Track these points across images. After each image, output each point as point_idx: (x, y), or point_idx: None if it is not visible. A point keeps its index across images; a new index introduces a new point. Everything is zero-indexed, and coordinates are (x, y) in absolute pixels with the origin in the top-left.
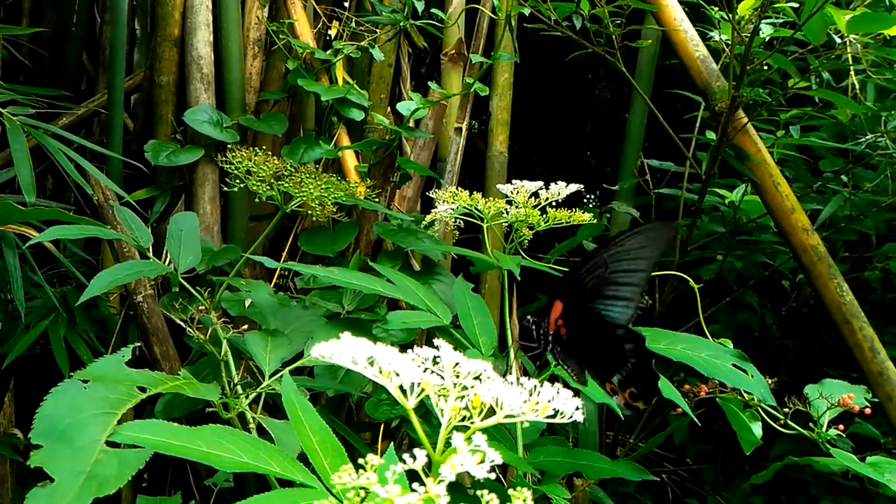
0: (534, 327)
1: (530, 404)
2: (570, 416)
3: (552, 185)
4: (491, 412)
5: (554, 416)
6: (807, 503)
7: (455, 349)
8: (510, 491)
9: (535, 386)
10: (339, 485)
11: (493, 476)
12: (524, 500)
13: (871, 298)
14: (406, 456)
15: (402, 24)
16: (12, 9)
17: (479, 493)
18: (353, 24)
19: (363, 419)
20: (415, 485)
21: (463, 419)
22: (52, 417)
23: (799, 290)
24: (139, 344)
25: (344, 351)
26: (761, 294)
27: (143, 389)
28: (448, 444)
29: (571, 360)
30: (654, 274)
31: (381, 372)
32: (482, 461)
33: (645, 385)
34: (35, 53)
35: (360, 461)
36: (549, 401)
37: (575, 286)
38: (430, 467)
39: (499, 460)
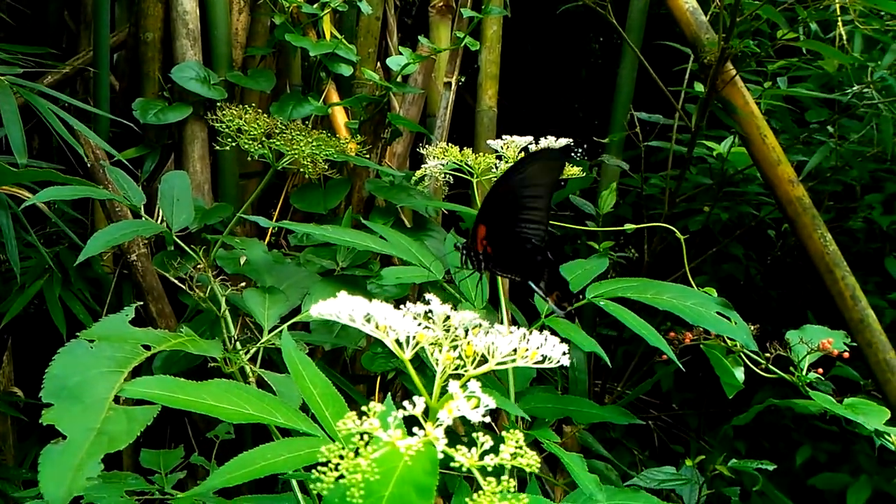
0: (464, 251)
1: (520, 351)
2: (558, 361)
3: (542, 139)
4: (483, 360)
5: (542, 362)
6: (788, 448)
7: (448, 303)
8: (504, 433)
9: (524, 334)
10: (343, 430)
11: (487, 420)
12: (517, 441)
13: (854, 249)
14: (406, 403)
15: None
16: None
17: (474, 435)
18: None
19: (358, 372)
20: (414, 429)
21: (457, 368)
22: (61, 377)
23: (784, 240)
24: (140, 304)
25: (342, 309)
26: (746, 245)
27: (147, 347)
28: (444, 391)
29: (505, 272)
30: (642, 225)
31: (377, 327)
32: (477, 406)
33: (562, 289)
34: (14, 10)
35: (363, 409)
36: (538, 347)
37: (493, 210)
38: (427, 414)
39: (492, 405)
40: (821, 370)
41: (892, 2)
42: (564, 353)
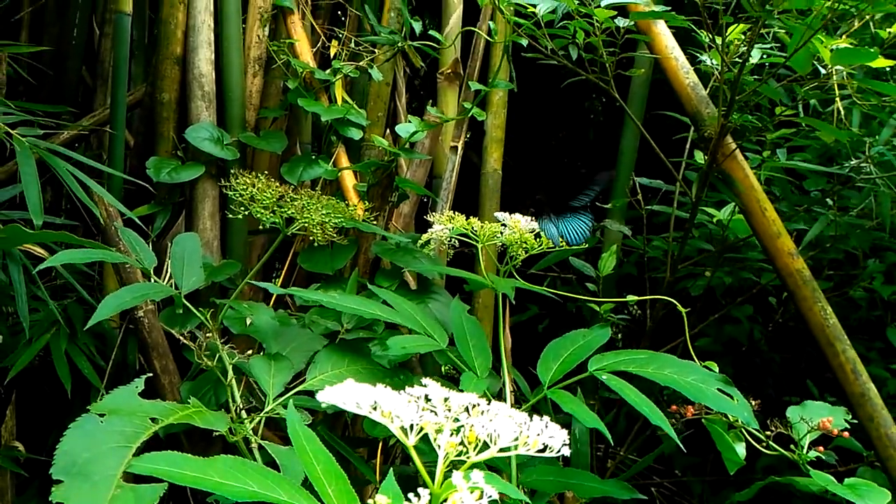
0: None
1: (521, 438)
2: (558, 451)
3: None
4: (485, 446)
5: (543, 451)
6: None
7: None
8: None
9: (525, 421)
10: None
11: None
12: None
13: (856, 316)
14: (411, 496)
15: (400, 44)
16: (11, 22)
17: None
18: (352, 44)
19: (359, 434)
20: None
21: (459, 454)
22: (72, 453)
23: (785, 307)
24: (150, 375)
25: (350, 397)
26: (749, 307)
27: (155, 420)
28: (448, 474)
29: None
30: (644, 298)
31: (383, 415)
32: (480, 497)
33: None
34: (33, 66)
35: (370, 501)
36: (538, 434)
37: None
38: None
39: (495, 495)
40: (821, 448)
41: (886, 84)
42: (565, 444)
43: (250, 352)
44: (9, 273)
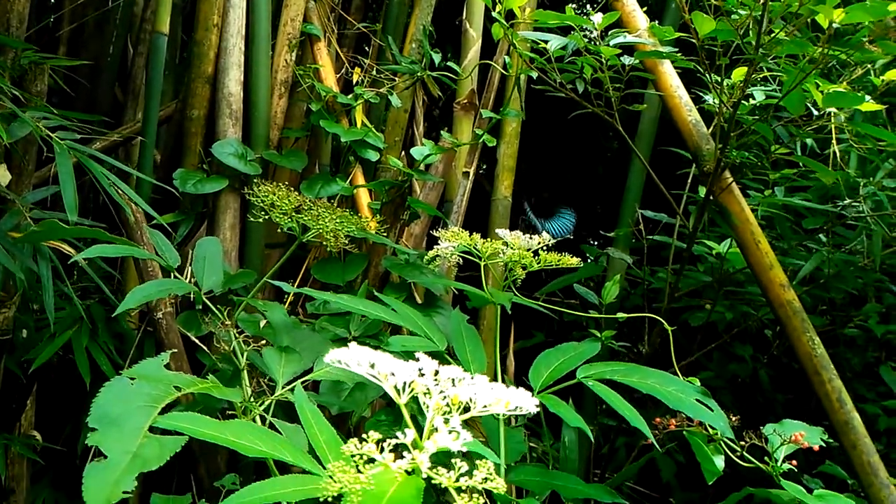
0: None
1: (496, 401)
2: (528, 411)
3: (545, 233)
4: (467, 409)
5: (515, 410)
6: None
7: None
8: (477, 462)
9: (501, 388)
10: (347, 452)
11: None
12: (488, 469)
13: (856, 360)
14: (398, 433)
15: (419, 74)
16: (51, 38)
17: (452, 461)
18: (374, 72)
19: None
20: (404, 453)
21: (444, 414)
22: (105, 407)
23: (780, 339)
24: (175, 350)
25: (352, 357)
26: (753, 346)
27: (178, 388)
28: (433, 431)
29: None
30: (632, 315)
31: (379, 374)
32: (457, 439)
33: None
34: (68, 78)
35: (363, 435)
36: (513, 398)
37: None
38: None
39: (469, 438)
40: (794, 462)
41: (883, 130)
42: (536, 406)
43: (263, 342)
44: (38, 269)
